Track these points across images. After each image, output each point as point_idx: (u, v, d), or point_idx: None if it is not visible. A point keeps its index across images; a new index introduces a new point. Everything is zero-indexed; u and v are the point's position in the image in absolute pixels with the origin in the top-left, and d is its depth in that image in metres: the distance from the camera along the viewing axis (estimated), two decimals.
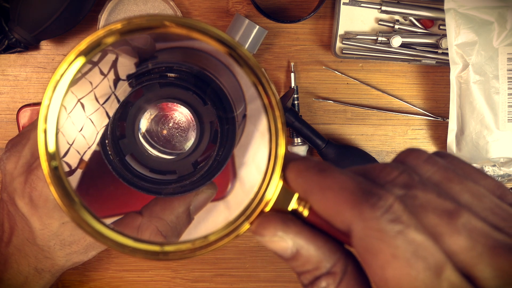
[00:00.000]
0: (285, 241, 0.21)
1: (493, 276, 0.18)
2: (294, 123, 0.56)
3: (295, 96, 0.58)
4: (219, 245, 0.22)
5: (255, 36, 0.53)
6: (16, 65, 0.57)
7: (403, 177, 0.20)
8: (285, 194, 0.22)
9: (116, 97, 0.30)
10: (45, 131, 0.22)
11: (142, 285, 0.61)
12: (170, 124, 0.32)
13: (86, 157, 0.30)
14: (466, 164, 0.22)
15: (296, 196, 0.22)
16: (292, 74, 0.58)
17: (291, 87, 0.58)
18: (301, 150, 0.58)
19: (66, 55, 0.22)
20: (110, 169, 0.30)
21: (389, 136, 0.60)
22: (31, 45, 0.53)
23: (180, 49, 0.33)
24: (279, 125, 0.23)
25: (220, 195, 0.38)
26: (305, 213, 0.22)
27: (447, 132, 0.57)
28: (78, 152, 0.29)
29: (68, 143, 0.28)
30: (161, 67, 0.31)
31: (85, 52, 0.22)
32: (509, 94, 0.55)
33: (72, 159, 0.31)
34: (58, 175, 0.22)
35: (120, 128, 0.31)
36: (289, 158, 0.23)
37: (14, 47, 0.52)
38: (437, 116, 0.60)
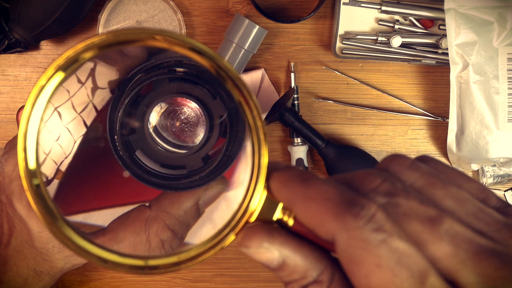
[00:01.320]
0: (271, 252, 0.21)
1: (477, 281, 0.18)
2: (294, 123, 0.56)
3: (295, 96, 0.58)
4: (205, 257, 0.22)
5: (255, 36, 0.53)
6: (16, 65, 0.57)
7: (385, 185, 0.20)
8: (270, 204, 0.22)
9: (94, 106, 0.29)
10: (24, 149, 0.22)
11: (142, 285, 0.61)
12: (180, 119, 0.32)
13: (63, 167, 0.30)
14: (449, 168, 0.22)
15: (280, 205, 0.22)
16: (292, 74, 0.58)
17: (291, 87, 0.58)
18: (301, 150, 0.58)
19: (45, 70, 0.22)
20: (120, 164, 0.29)
21: (389, 136, 0.60)
22: (31, 45, 0.53)
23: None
24: (261, 136, 0.22)
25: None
26: (290, 222, 0.22)
27: (447, 132, 0.57)
28: (54, 162, 0.29)
29: (44, 152, 0.28)
30: (170, 61, 0.30)
31: (64, 68, 0.21)
32: (509, 94, 0.55)
33: (49, 169, 0.30)
34: (40, 193, 0.22)
35: (129, 123, 0.31)
36: (273, 168, 0.22)
37: (14, 47, 0.52)
38: (437, 116, 0.60)
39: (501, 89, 0.55)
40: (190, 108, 0.32)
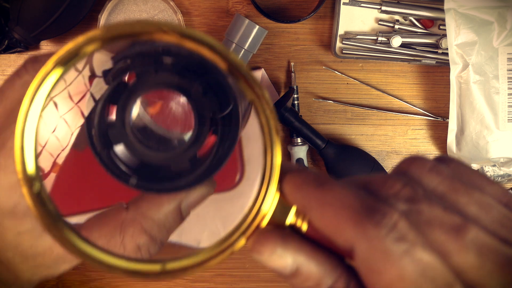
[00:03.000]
0: (284, 258, 0.20)
1: None
2: (294, 123, 0.56)
3: (295, 96, 0.58)
4: (214, 263, 0.21)
5: (255, 36, 0.53)
6: (16, 65, 0.57)
7: (406, 190, 0.19)
8: (282, 208, 0.21)
9: (92, 95, 0.27)
10: (22, 149, 0.20)
11: (142, 285, 0.61)
12: (165, 115, 0.29)
13: (60, 160, 0.27)
14: (471, 170, 0.21)
15: (293, 209, 0.21)
16: (292, 74, 0.58)
17: (291, 87, 0.58)
18: (301, 150, 0.58)
19: (44, 65, 0.20)
20: (97, 160, 0.26)
21: (389, 136, 0.60)
22: (31, 45, 0.53)
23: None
24: (274, 137, 0.21)
25: (229, 186, 0.35)
26: (304, 227, 0.21)
27: (447, 132, 0.57)
28: (51, 154, 0.27)
29: (40, 145, 0.26)
30: (157, 48, 0.27)
31: (63, 62, 0.20)
32: (509, 94, 0.55)
33: (45, 162, 0.28)
34: (40, 197, 0.20)
35: (108, 116, 0.27)
36: (286, 169, 0.21)
37: (14, 47, 0.52)
38: (437, 116, 0.60)
39: (501, 89, 0.55)
40: (177, 102, 0.29)
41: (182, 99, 0.28)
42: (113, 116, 0.27)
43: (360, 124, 0.60)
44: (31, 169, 0.20)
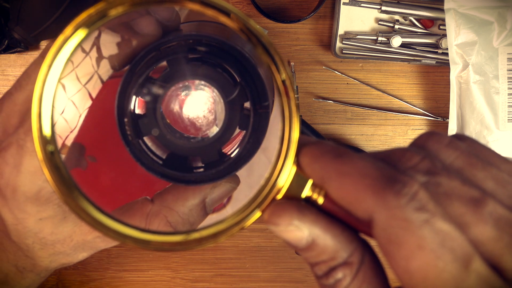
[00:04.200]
0: (300, 230, 0.20)
1: None
2: None
3: (295, 96, 0.58)
4: (230, 233, 0.21)
5: None
6: (16, 65, 0.57)
7: (425, 163, 0.19)
8: (299, 180, 0.21)
9: (100, 77, 0.27)
10: (39, 115, 0.20)
11: (142, 285, 0.61)
12: (196, 105, 0.29)
13: (69, 142, 0.27)
14: (486, 148, 0.21)
15: (310, 182, 0.21)
16: (292, 74, 0.58)
17: None
18: None
19: (67, 26, 0.19)
20: (128, 151, 0.26)
21: (389, 136, 0.60)
22: (31, 45, 0.53)
23: (210, 22, 0.29)
24: (293, 107, 0.21)
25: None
26: (320, 200, 0.21)
27: (447, 132, 0.57)
28: (59, 136, 0.26)
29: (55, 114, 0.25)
30: (188, 40, 0.27)
31: (89, 23, 0.19)
32: (509, 94, 0.55)
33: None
34: (54, 162, 0.20)
35: (139, 106, 0.27)
36: (303, 142, 0.21)
37: (14, 47, 0.52)
38: (437, 116, 0.60)
39: (501, 89, 0.55)
40: (208, 93, 0.28)
41: (212, 89, 0.28)
42: (144, 107, 0.27)
43: (360, 124, 0.60)
44: (47, 131, 0.20)
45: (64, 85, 0.26)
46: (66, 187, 0.20)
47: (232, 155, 0.28)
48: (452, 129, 0.57)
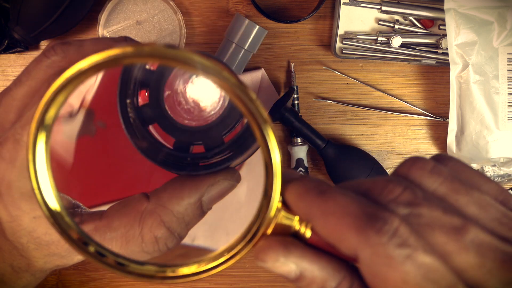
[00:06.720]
0: (287, 265, 0.21)
1: None
2: (294, 123, 0.56)
3: (295, 96, 0.58)
4: (220, 269, 0.22)
5: (255, 36, 0.53)
6: (16, 65, 0.57)
7: (406, 194, 0.19)
8: (286, 216, 0.22)
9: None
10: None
11: (142, 285, 0.61)
12: (199, 89, 0.28)
13: (88, 96, 0.27)
14: (468, 168, 0.21)
15: (297, 217, 0.22)
16: (292, 74, 0.58)
17: (291, 87, 0.58)
18: (301, 150, 0.58)
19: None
20: (128, 139, 0.26)
21: (389, 136, 0.60)
22: (31, 45, 0.53)
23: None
24: (274, 147, 0.21)
25: None
26: (308, 233, 0.21)
27: (447, 132, 0.57)
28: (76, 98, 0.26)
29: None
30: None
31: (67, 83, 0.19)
32: (509, 94, 0.55)
33: (74, 99, 0.28)
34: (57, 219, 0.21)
35: (141, 93, 0.27)
36: (288, 178, 0.22)
37: (14, 47, 0.52)
38: (437, 116, 0.60)
39: (501, 89, 0.55)
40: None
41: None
42: (146, 96, 0.27)
43: (360, 124, 0.60)
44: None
45: None
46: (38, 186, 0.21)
47: (237, 138, 0.27)
48: (452, 129, 0.57)
